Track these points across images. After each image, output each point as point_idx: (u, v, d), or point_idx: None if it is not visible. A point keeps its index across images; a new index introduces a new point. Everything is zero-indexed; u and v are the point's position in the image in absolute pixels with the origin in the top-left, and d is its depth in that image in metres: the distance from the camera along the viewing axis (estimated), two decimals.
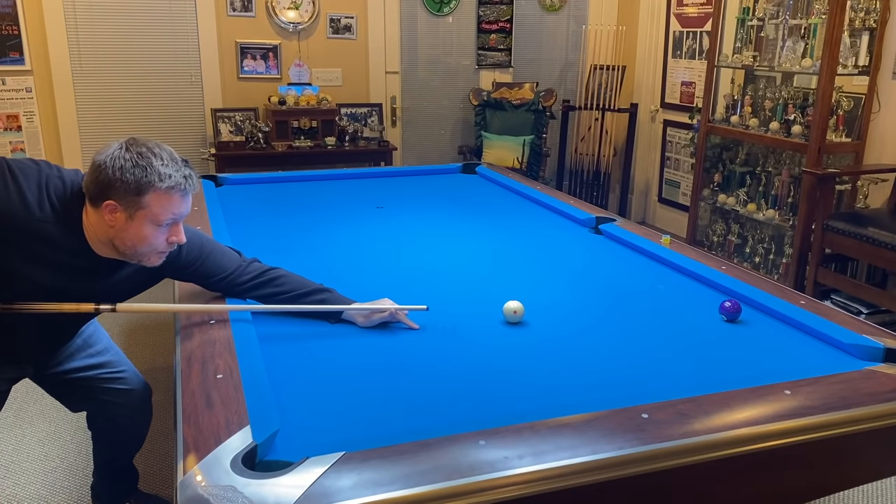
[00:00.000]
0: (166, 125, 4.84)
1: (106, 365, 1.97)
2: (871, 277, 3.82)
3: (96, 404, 2.02)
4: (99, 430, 2.13)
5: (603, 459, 1.22)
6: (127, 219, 1.53)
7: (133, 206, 1.51)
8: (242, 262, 1.88)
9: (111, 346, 2.03)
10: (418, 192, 3.43)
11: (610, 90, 5.38)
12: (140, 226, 1.54)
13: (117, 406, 2.01)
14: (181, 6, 4.73)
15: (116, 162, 1.49)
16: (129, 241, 1.56)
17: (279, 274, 1.88)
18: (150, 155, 1.51)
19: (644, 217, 5.85)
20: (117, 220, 1.53)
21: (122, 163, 1.49)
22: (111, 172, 1.49)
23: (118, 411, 2.02)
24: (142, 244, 1.56)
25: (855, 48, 3.81)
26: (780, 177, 4.23)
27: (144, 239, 1.55)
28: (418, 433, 1.28)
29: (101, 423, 2.09)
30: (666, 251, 2.41)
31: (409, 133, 5.49)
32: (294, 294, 1.85)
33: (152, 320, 3.75)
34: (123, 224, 1.53)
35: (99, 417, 2.08)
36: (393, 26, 5.19)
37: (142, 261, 1.62)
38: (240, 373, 1.49)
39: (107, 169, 1.50)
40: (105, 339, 2.02)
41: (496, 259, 2.47)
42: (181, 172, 1.54)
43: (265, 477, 1.15)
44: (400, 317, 1.85)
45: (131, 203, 1.51)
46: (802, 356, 1.70)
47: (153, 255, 1.61)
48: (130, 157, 1.50)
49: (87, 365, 1.93)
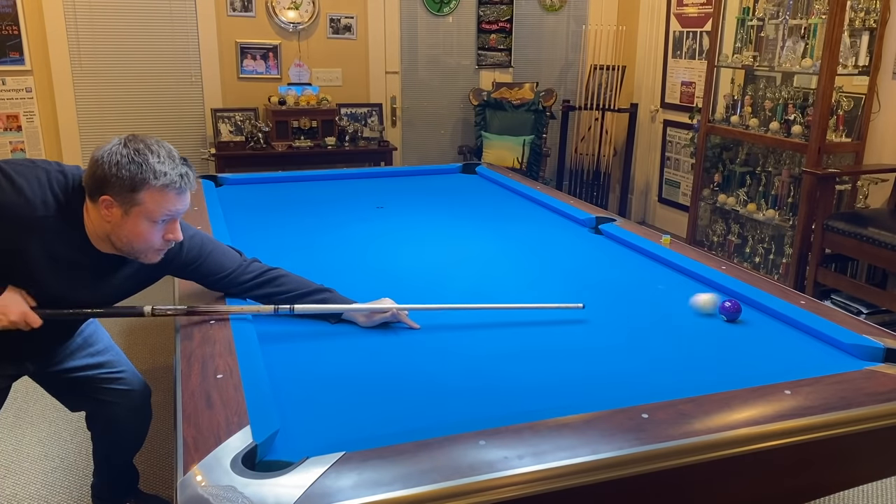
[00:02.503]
0: (166, 125, 4.84)
1: (106, 365, 1.97)
2: (871, 277, 3.82)
3: (95, 404, 2.02)
4: (98, 431, 2.13)
5: (603, 459, 1.22)
6: (123, 215, 1.53)
7: (128, 203, 1.51)
8: (243, 262, 1.88)
9: (111, 346, 2.03)
10: (418, 192, 3.43)
11: (610, 90, 5.38)
12: (136, 222, 1.53)
13: (116, 406, 2.01)
14: (181, 6, 4.73)
15: (113, 157, 1.50)
16: (125, 237, 1.56)
17: (280, 274, 1.88)
18: (147, 151, 1.51)
19: (644, 217, 5.85)
20: (113, 216, 1.53)
21: (119, 158, 1.49)
22: (107, 168, 1.49)
23: (117, 411, 2.02)
24: (138, 241, 1.56)
25: (855, 48, 3.81)
26: (780, 177, 4.23)
27: (140, 235, 1.55)
28: (418, 433, 1.28)
29: (101, 423, 2.09)
30: (666, 251, 2.41)
31: (409, 133, 5.49)
32: (294, 294, 1.84)
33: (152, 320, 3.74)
34: (119, 220, 1.53)
35: (98, 417, 2.08)
36: (393, 26, 5.19)
37: (139, 257, 1.62)
38: (240, 373, 1.49)
39: (103, 164, 1.50)
40: (105, 339, 2.02)
41: (496, 259, 2.47)
42: (177, 170, 1.54)
43: (265, 477, 1.15)
44: (401, 317, 1.85)
45: (127, 199, 1.51)
46: (802, 356, 1.70)
47: (150, 252, 1.61)
48: (127, 154, 1.50)
49: (86, 364, 1.94)
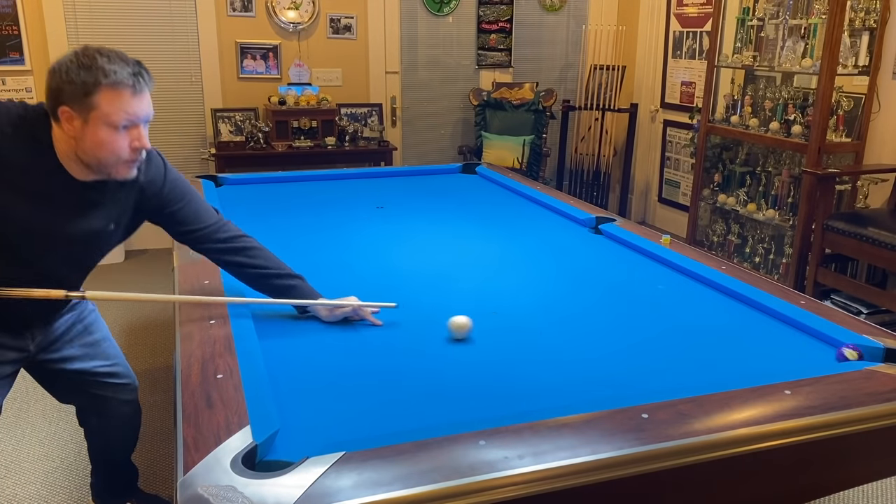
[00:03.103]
0: (166, 125, 4.84)
1: (101, 356, 1.96)
2: (871, 277, 3.82)
3: (87, 398, 2.00)
4: (91, 427, 2.12)
5: (603, 459, 1.22)
6: (83, 124, 1.51)
7: (85, 109, 1.50)
8: (220, 220, 1.87)
9: (109, 338, 2.02)
10: (418, 192, 3.43)
11: (610, 90, 5.38)
12: (96, 129, 1.52)
13: (108, 400, 2.00)
14: (181, 6, 4.73)
15: (63, 66, 1.50)
16: (89, 149, 1.54)
17: (253, 245, 1.86)
18: (97, 55, 1.50)
19: (644, 217, 5.85)
20: (75, 128, 1.52)
21: (69, 66, 1.49)
22: (60, 76, 1.49)
23: (109, 405, 2.01)
24: (102, 150, 1.54)
25: (855, 48, 3.81)
26: (780, 177, 4.23)
27: (104, 144, 1.53)
28: (418, 433, 1.28)
29: (93, 418, 2.08)
30: (666, 251, 2.41)
31: (409, 133, 5.49)
32: (264, 272, 1.83)
33: (152, 320, 3.75)
34: (80, 131, 1.52)
35: (90, 412, 2.07)
36: (393, 26, 5.19)
37: (111, 173, 1.59)
38: (240, 373, 1.49)
39: (55, 74, 1.50)
40: (104, 329, 2.01)
41: (496, 259, 2.47)
42: (128, 70, 1.52)
43: (265, 477, 1.15)
44: (364, 314, 1.85)
45: (83, 105, 1.50)
46: (802, 356, 1.70)
47: (120, 164, 1.58)
48: (76, 59, 1.49)
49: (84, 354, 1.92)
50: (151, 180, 1.73)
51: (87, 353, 1.93)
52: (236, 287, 1.92)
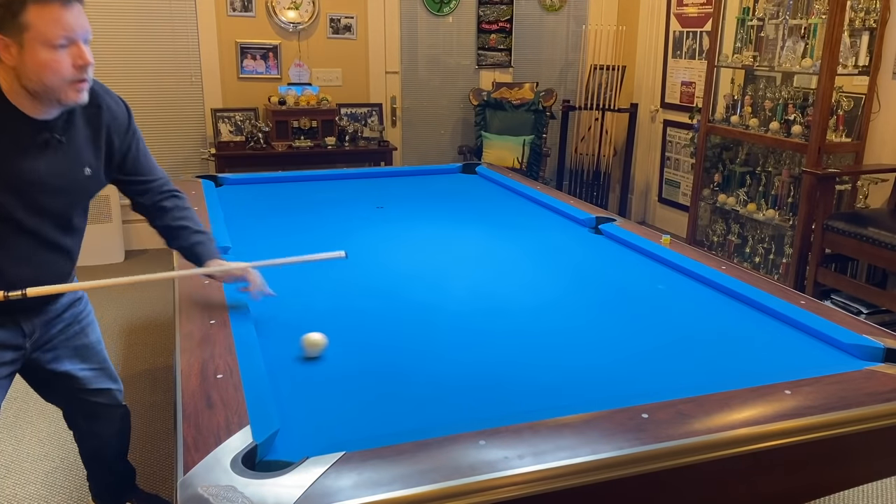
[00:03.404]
0: (166, 125, 4.84)
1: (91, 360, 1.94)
2: (871, 277, 3.82)
3: (75, 401, 1.99)
4: (80, 429, 2.11)
5: (603, 459, 1.23)
6: (19, 50, 1.49)
7: (17, 31, 1.47)
8: (164, 176, 1.93)
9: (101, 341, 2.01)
10: (418, 192, 3.43)
11: (610, 90, 5.38)
12: (33, 52, 1.49)
13: (95, 404, 1.99)
14: (181, 6, 4.73)
15: None
16: (32, 73, 1.51)
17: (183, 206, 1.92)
18: None
19: (644, 217, 5.85)
20: (13, 56, 1.49)
21: None
22: None
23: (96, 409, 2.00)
24: (46, 73, 1.51)
25: (855, 48, 3.81)
26: (780, 177, 4.23)
27: (45, 66, 1.50)
28: (418, 433, 1.28)
29: (80, 420, 2.07)
30: (666, 251, 2.41)
31: (409, 133, 5.49)
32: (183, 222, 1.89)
33: (152, 320, 3.75)
34: (19, 57, 1.49)
35: (77, 415, 2.06)
36: (393, 26, 5.19)
37: (61, 98, 1.56)
38: (240, 373, 1.49)
39: None
40: (98, 333, 2.00)
41: (496, 259, 2.47)
42: None
43: (265, 477, 1.15)
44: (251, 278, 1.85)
45: (15, 28, 1.47)
46: (802, 356, 1.71)
47: (66, 87, 1.54)
48: None
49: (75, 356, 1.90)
50: (116, 117, 1.73)
51: (79, 356, 1.91)
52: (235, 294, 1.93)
